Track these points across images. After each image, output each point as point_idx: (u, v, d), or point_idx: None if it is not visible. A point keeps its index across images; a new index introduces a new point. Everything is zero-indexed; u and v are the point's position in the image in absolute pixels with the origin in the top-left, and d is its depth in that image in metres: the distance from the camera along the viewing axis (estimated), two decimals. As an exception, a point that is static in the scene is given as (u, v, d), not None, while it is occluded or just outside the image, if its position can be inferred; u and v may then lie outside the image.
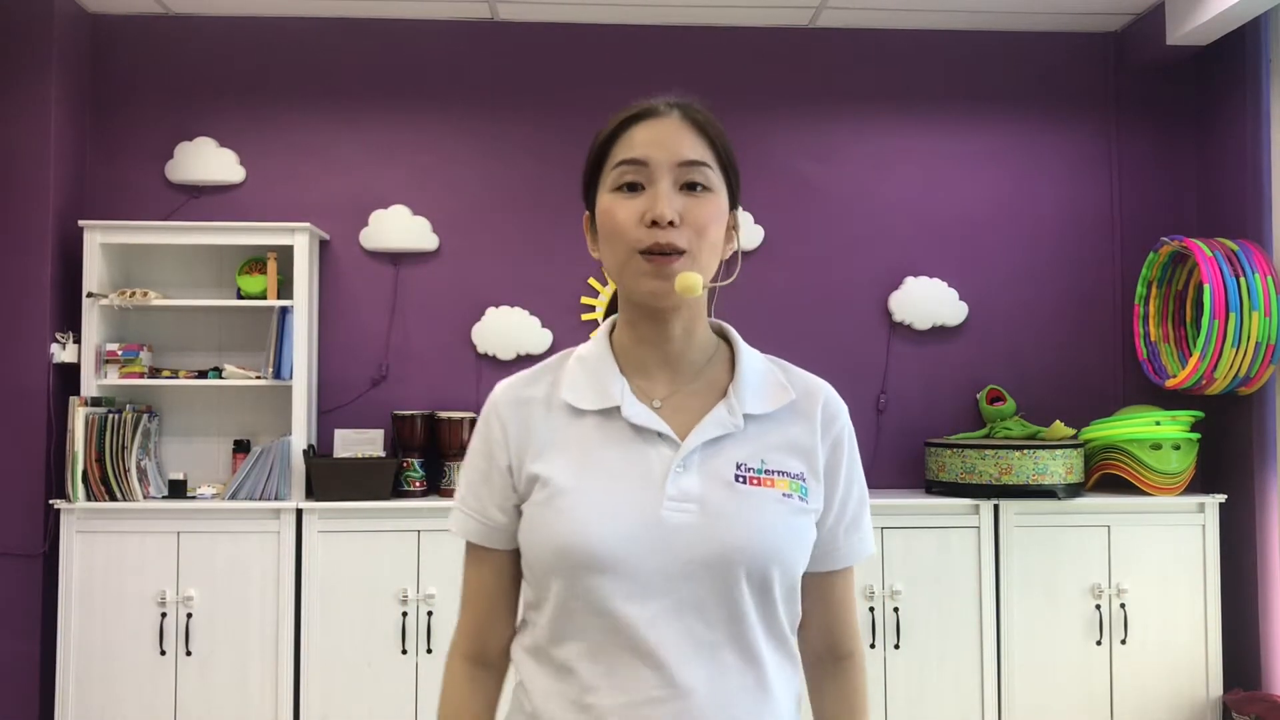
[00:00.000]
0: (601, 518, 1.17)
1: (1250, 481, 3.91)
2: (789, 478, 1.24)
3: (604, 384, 1.26)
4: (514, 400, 1.28)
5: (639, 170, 1.20)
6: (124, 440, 3.75)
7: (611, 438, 1.24)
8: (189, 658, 3.67)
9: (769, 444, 1.25)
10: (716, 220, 1.22)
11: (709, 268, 1.23)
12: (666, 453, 1.21)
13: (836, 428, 1.29)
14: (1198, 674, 3.78)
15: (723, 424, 1.23)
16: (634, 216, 1.19)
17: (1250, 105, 3.95)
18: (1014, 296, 4.27)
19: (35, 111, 3.87)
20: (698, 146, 1.23)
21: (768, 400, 1.27)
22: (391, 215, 4.16)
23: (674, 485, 1.19)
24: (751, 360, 1.31)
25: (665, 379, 1.28)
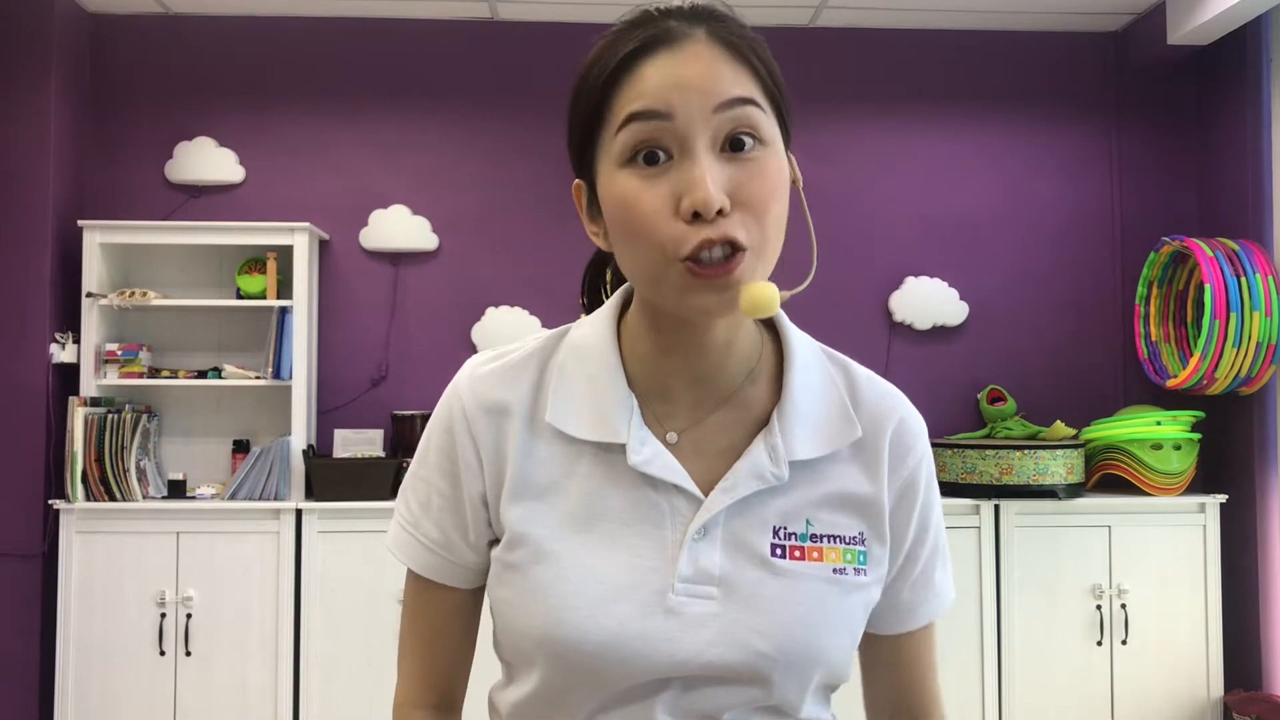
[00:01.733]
0: (593, 602, 0.90)
1: (1251, 482, 3.90)
2: (843, 544, 0.94)
3: (605, 404, 0.94)
4: (487, 408, 0.96)
5: (660, 128, 0.83)
6: (123, 440, 3.75)
7: (612, 484, 0.93)
8: (188, 658, 3.67)
9: (818, 496, 0.94)
10: (780, 188, 0.86)
11: (778, 255, 0.89)
12: (684, 511, 0.92)
13: (910, 465, 0.98)
14: (1199, 674, 3.77)
15: (760, 476, 0.92)
16: (665, 206, 0.83)
17: (1251, 105, 3.94)
18: (1015, 296, 4.26)
19: (35, 111, 3.86)
20: (738, 78, 0.86)
21: (824, 438, 0.95)
22: (391, 215, 4.16)
23: (689, 561, 0.91)
24: (806, 375, 0.96)
25: (689, 401, 0.95)
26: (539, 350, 0.99)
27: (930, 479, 1.01)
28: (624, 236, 0.87)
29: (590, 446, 0.94)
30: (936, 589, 1.03)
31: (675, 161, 0.84)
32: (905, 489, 0.98)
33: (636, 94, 0.85)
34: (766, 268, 0.87)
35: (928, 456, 1.01)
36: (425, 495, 0.99)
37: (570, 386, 0.95)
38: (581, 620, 0.89)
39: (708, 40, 0.87)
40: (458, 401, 0.97)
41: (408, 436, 3.95)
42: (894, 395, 1.01)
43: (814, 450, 0.94)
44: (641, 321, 0.96)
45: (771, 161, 0.86)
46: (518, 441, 0.95)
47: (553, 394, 0.95)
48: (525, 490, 0.94)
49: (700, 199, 0.81)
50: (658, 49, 0.86)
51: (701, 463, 0.94)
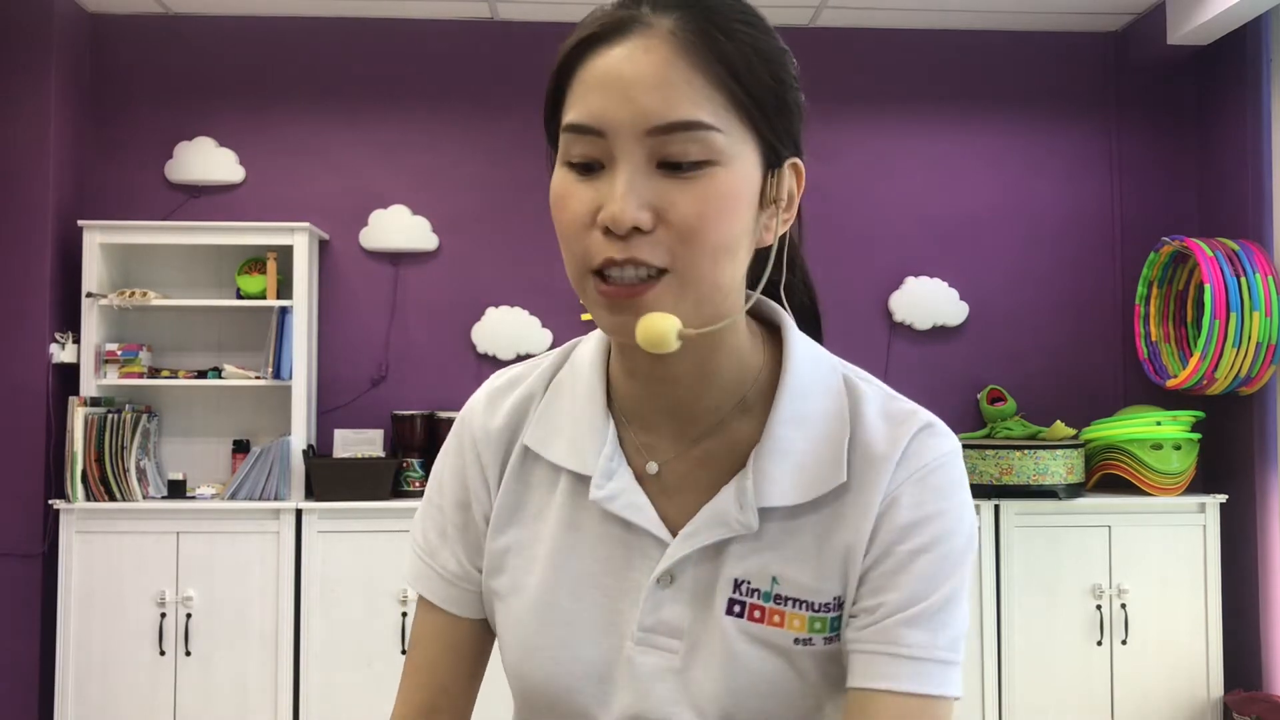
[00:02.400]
0: (559, 644, 0.85)
1: (1251, 481, 3.90)
2: (811, 611, 0.82)
3: (582, 428, 0.87)
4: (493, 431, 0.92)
5: (593, 142, 0.77)
6: (123, 440, 3.75)
7: (587, 517, 0.86)
8: (188, 658, 3.67)
9: (792, 551, 0.83)
10: (726, 211, 0.76)
11: (719, 285, 0.78)
12: (652, 554, 0.84)
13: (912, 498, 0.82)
14: (1199, 674, 3.77)
15: (725, 523, 0.82)
16: (586, 213, 0.77)
17: (1251, 105, 3.94)
18: (1014, 296, 4.26)
19: (34, 111, 3.86)
20: (690, 92, 0.75)
21: (807, 482, 0.83)
22: (391, 215, 4.16)
23: (650, 610, 0.83)
24: (800, 407, 0.84)
25: (671, 432, 0.86)
26: (549, 369, 0.94)
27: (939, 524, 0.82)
28: (558, 234, 0.82)
29: (566, 474, 0.88)
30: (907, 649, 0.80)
31: (606, 170, 0.77)
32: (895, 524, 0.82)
33: (577, 98, 0.78)
34: (700, 297, 0.77)
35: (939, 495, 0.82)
36: (440, 524, 0.94)
37: (557, 407, 0.90)
38: (544, 661, 0.85)
39: (670, 35, 0.76)
40: (468, 425, 0.94)
41: (408, 436, 3.95)
42: (909, 421, 0.85)
43: (791, 496, 0.82)
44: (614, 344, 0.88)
45: (720, 181, 0.76)
46: (513, 462, 0.91)
47: (537, 416, 0.90)
48: (511, 516, 0.90)
49: (611, 214, 0.74)
50: (609, 41, 0.77)
51: (680, 500, 0.85)
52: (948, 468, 0.84)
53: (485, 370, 4.13)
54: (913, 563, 0.81)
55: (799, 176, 0.84)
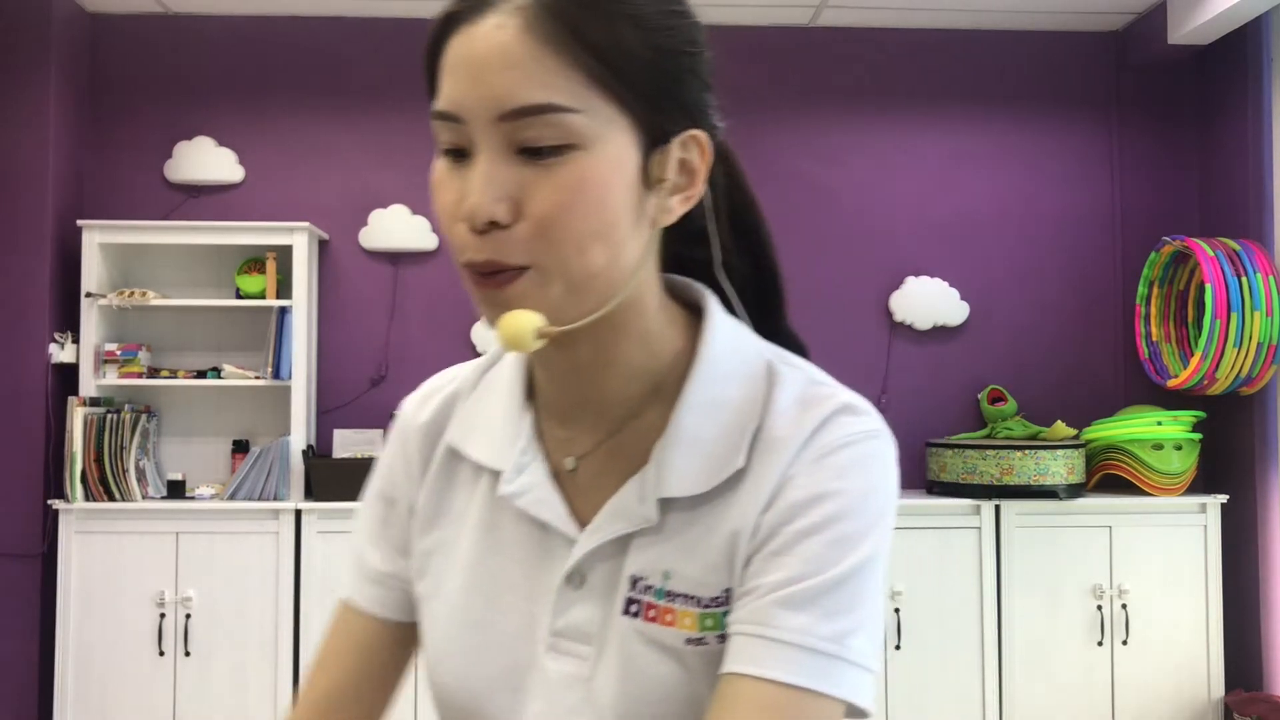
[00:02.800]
0: (471, 650, 0.81)
1: (1252, 482, 3.90)
2: (699, 606, 0.76)
3: (499, 422, 0.84)
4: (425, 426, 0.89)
5: (455, 129, 0.72)
6: (123, 440, 3.74)
7: (502, 518, 0.83)
8: (188, 658, 3.67)
9: (688, 545, 0.77)
10: (588, 198, 0.71)
11: (594, 274, 0.73)
12: (563, 553, 0.80)
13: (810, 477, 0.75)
14: (1199, 675, 3.77)
15: (625, 516, 0.78)
16: (453, 204, 0.73)
17: (1252, 104, 3.94)
18: (1015, 296, 4.26)
19: (34, 111, 3.86)
20: (541, 72, 0.69)
21: (707, 469, 0.77)
22: (391, 215, 4.15)
23: (559, 612, 0.79)
24: (708, 392, 0.79)
25: (589, 426, 0.82)
26: (482, 365, 0.90)
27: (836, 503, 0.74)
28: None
29: (488, 473, 0.84)
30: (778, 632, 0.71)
31: (469, 160, 0.73)
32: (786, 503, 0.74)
33: (440, 82, 0.73)
34: (571, 288, 0.72)
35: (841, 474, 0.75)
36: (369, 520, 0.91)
37: (480, 405, 0.86)
38: (457, 668, 0.81)
39: (520, 11, 0.70)
40: (400, 423, 0.91)
41: (407, 436, 3.95)
42: (824, 404, 0.77)
43: (691, 486, 0.76)
44: None
45: (582, 167, 0.70)
46: (437, 462, 0.87)
47: (462, 413, 0.87)
48: (434, 517, 0.86)
49: (468, 209, 0.71)
50: (468, 19, 0.72)
51: (594, 496, 0.80)
52: (856, 446, 0.76)
53: (485, 370, 4.12)
54: (798, 543, 0.73)
55: (702, 149, 0.77)
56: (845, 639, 0.72)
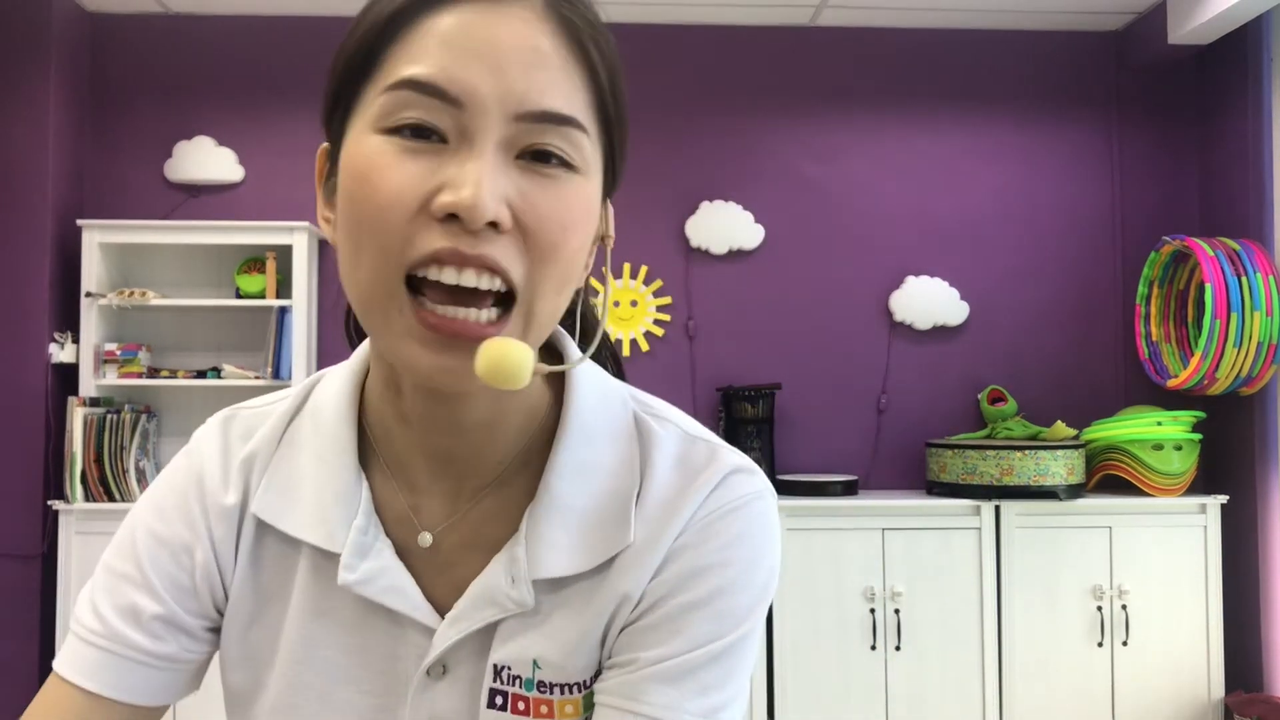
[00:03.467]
0: None
1: (1252, 482, 3.90)
2: (581, 691, 0.70)
3: (326, 493, 0.72)
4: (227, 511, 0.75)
5: (439, 109, 0.61)
6: (122, 440, 3.74)
7: (336, 600, 0.72)
8: (188, 658, 3.66)
9: (559, 627, 0.70)
10: (582, 225, 0.64)
11: (553, 322, 0.66)
12: (420, 643, 0.71)
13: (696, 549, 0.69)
14: (1199, 675, 3.77)
15: (495, 600, 0.69)
16: (413, 191, 0.61)
17: (1252, 104, 3.94)
18: (1015, 296, 4.26)
19: (34, 110, 3.86)
20: (573, 87, 0.64)
21: (589, 546, 0.70)
22: (391, 215, 4.15)
23: (422, 708, 0.71)
24: (579, 452, 0.71)
25: (445, 492, 0.72)
26: (282, 416, 0.77)
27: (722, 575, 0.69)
28: (348, 224, 0.63)
29: (309, 549, 0.72)
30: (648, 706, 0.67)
31: (450, 147, 0.61)
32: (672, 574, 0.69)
33: (421, 51, 0.61)
34: (538, 331, 0.64)
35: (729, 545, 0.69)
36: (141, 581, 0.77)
37: (291, 465, 0.73)
38: None
39: (545, 13, 0.63)
40: (197, 486, 0.75)
41: (407, 437, 3.95)
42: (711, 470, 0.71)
43: (569, 565, 0.69)
44: (378, 375, 0.72)
45: (581, 192, 0.64)
46: (247, 543, 0.74)
47: (267, 476, 0.73)
48: (249, 603, 0.74)
49: (467, 198, 0.58)
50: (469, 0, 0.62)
51: (453, 574, 0.71)
52: (744, 511, 0.70)
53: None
54: (681, 617, 0.68)
55: (609, 217, 0.72)
56: (716, 714, 0.68)
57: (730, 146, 4.22)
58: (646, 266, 4.18)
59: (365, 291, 0.62)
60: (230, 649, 0.76)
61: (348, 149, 0.64)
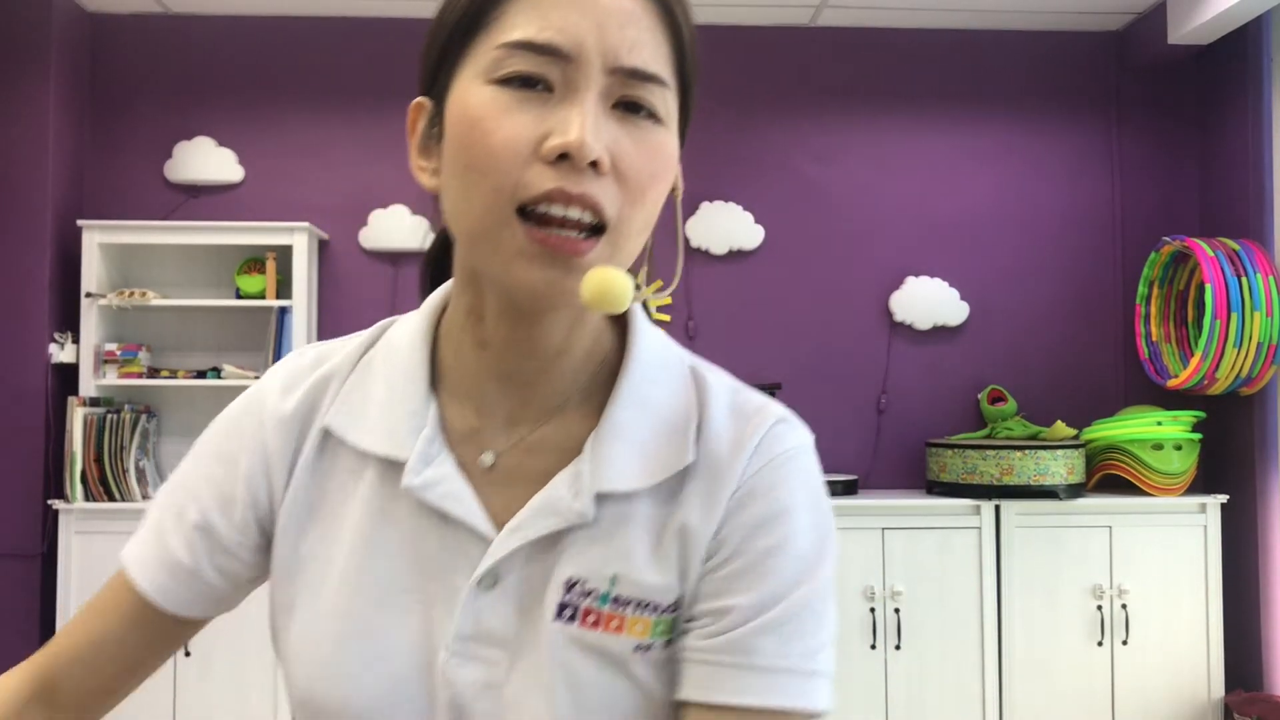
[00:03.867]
0: (354, 664, 0.74)
1: (1252, 482, 3.90)
2: (654, 613, 0.73)
3: (398, 410, 0.77)
4: (290, 422, 0.80)
5: (550, 63, 0.68)
6: (123, 440, 3.74)
7: (394, 512, 0.76)
8: (188, 658, 3.66)
9: (633, 546, 0.74)
10: (665, 175, 0.72)
11: (633, 254, 0.74)
12: (473, 553, 0.74)
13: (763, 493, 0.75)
14: (1199, 675, 3.77)
15: (556, 511, 0.73)
16: (525, 138, 0.67)
17: (1252, 104, 3.94)
18: (1015, 296, 4.26)
19: (34, 111, 3.86)
20: (658, 45, 0.71)
21: (650, 466, 0.75)
22: (391, 215, 4.15)
23: (469, 616, 0.73)
24: (641, 390, 0.77)
25: (509, 417, 0.78)
26: (358, 347, 0.84)
27: (791, 524, 0.74)
28: (460, 167, 0.69)
29: (375, 462, 0.76)
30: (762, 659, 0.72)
31: (556, 96, 0.68)
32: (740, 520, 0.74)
33: (535, 15, 0.68)
34: (621, 262, 0.71)
35: (790, 490, 0.75)
36: (182, 506, 0.81)
37: (364, 389, 0.79)
38: (341, 682, 0.74)
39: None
40: (255, 409, 0.81)
41: (407, 437, 3.95)
42: (761, 413, 0.78)
43: (630, 481, 0.73)
44: (460, 306, 0.78)
45: (663, 140, 0.71)
46: (306, 454, 0.79)
47: (341, 395, 0.79)
48: (306, 516, 0.78)
49: (575, 139, 0.66)
50: None
51: (511, 493, 0.75)
52: (799, 460, 0.77)
53: (485, 370, 4.12)
54: (763, 563, 0.73)
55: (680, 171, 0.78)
56: (816, 655, 0.73)
57: (730, 146, 4.22)
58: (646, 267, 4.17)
59: (478, 223, 0.69)
60: (283, 555, 0.79)
61: (458, 99, 0.71)
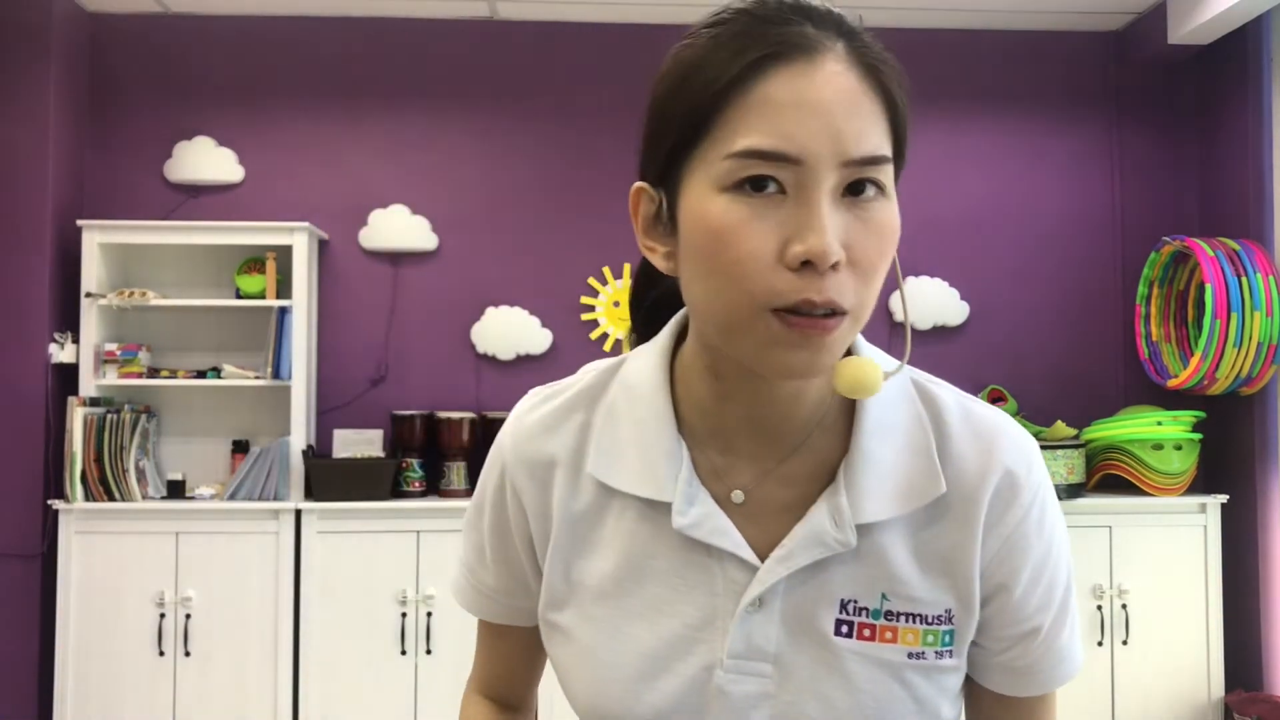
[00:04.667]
0: (636, 677, 0.82)
1: (1252, 482, 3.90)
2: (924, 624, 0.81)
3: (652, 455, 0.83)
4: (530, 463, 0.88)
5: (780, 167, 0.71)
6: (122, 440, 3.74)
7: (660, 544, 0.83)
8: (188, 658, 3.66)
9: (897, 566, 0.81)
10: (891, 245, 0.76)
11: (869, 313, 0.78)
12: (739, 579, 0.81)
13: (1016, 516, 0.82)
14: (1199, 675, 3.77)
15: (822, 543, 0.80)
16: (768, 248, 0.71)
17: (1252, 104, 3.94)
18: (1015, 296, 4.26)
19: (34, 111, 3.86)
20: (877, 123, 0.74)
21: (901, 494, 0.81)
22: (391, 215, 4.15)
23: (741, 635, 0.81)
24: (882, 417, 0.83)
25: (750, 453, 0.83)
26: (588, 389, 0.89)
27: (1048, 530, 0.84)
28: (706, 272, 0.74)
29: (635, 501, 0.84)
30: (1062, 654, 0.88)
31: (790, 198, 0.72)
32: (1009, 545, 0.82)
33: (761, 121, 0.71)
34: (859, 327, 0.78)
35: (1041, 504, 0.84)
36: (477, 542, 0.94)
37: (616, 432, 0.85)
38: (622, 695, 0.82)
39: (847, 61, 0.73)
40: (501, 456, 0.90)
41: (407, 437, 3.95)
42: (996, 433, 0.83)
43: (887, 510, 0.80)
44: (699, 362, 0.83)
45: (888, 214, 0.75)
46: (562, 495, 0.86)
47: (596, 441, 0.86)
48: (569, 548, 0.87)
49: (819, 247, 0.70)
50: (789, 59, 0.72)
51: (764, 523, 0.82)
52: (1039, 474, 0.84)
53: (485, 370, 4.12)
54: (1042, 576, 0.83)
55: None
56: (1076, 631, 0.89)
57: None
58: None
59: (730, 317, 0.74)
60: (553, 582, 0.87)
61: (695, 207, 0.74)
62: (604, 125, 4.18)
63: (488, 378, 4.11)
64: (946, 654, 0.82)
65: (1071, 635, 0.87)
